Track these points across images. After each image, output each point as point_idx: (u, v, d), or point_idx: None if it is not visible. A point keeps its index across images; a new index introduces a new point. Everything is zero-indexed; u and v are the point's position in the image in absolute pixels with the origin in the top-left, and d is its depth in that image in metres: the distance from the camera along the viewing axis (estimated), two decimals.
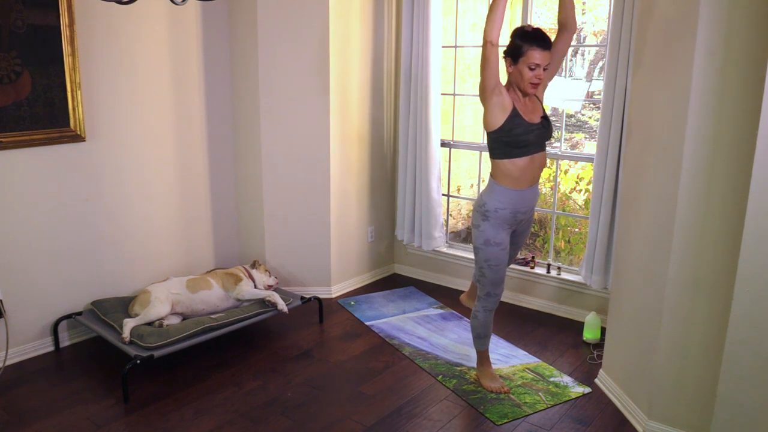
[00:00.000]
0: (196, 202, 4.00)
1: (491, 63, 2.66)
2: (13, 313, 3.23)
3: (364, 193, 4.40)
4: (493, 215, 2.82)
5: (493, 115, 2.72)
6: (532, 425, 2.79)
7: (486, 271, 2.91)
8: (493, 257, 2.87)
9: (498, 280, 2.92)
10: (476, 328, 3.05)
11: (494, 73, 2.69)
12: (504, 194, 2.80)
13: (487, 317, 3.01)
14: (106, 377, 3.13)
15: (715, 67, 2.28)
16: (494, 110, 2.72)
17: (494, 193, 2.82)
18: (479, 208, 2.86)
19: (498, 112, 2.71)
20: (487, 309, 3.00)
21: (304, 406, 2.92)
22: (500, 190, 2.81)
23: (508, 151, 2.75)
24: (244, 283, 3.55)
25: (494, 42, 2.64)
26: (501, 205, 2.81)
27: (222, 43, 3.96)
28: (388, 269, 4.75)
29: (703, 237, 2.41)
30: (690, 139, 2.36)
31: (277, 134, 4.00)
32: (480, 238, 2.87)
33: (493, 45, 2.64)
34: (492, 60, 2.66)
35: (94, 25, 3.31)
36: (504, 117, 2.71)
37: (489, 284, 2.93)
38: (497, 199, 2.81)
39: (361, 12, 4.08)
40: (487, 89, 2.71)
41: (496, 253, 2.86)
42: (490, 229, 2.84)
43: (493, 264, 2.88)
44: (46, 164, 3.25)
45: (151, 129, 3.67)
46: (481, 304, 3.00)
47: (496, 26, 2.63)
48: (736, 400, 2.28)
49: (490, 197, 2.83)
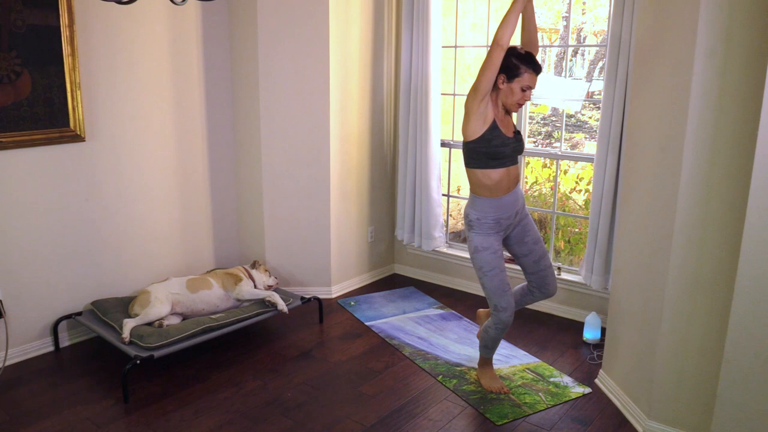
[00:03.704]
0: (196, 202, 4.01)
1: (494, 67, 2.66)
2: (13, 313, 3.23)
3: (364, 193, 4.40)
4: (477, 224, 2.86)
5: (475, 124, 2.76)
6: (532, 425, 2.79)
7: (484, 280, 2.88)
8: (486, 263, 2.85)
9: (498, 289, 2.86)
10: (485, 340, 3.03)
11: (493, 78, 2.69)
12: (484, 204, 2.85)
13: (498, 334, 2.95)
14: (106, 377, 3.13)
15: (715, 67, 2.28)
16: (478, 119, 2.75)
17: (474, 204, 2.87)
18: (465, 219, 2.93)
19: (480, 122, 2.75)
20: (499, 327, 2.92)
21: (304, 406, 2.92)
22: (479, 201, 2.86)
23: (485, 162, 2.80)
24: (244, 283, 3.55)
25: (504, 46, 2.64)
26: (482, 215, 2.85)
27: (222, 43, 3.97)
28: (388, 269, 4.75)
29: (703, 237, 2.41)
30: (690, 139, 2.37)
31: (277, 134, 4.00)
32: (470, 248, 2.91)
33: (502, 49, 2.63)
34: (496, 64, 2.66)
35: (94, 25, 3.31)
36: (484, 128, 2.76)
37: (492, 294, 2.88)
38: (478, 210, 2.85)
39: (361, 12, 4.09)
40: (479, 93, 2.71)
41: (487, 258, 2.85)
42: (477, 237, 2.86)
43: (487, 270, 2.86)
44: (46, 164, 3.25)
45: (151, 129, 3.67)
46: (493, 320, 2.94)
47: (509, 31, 2.62)
48: (736, 400, 2.28)
49: (472, 209, 2.88)
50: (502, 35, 2.61)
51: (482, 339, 3.06)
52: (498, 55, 2.63)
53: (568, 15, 5.19)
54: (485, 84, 2.69)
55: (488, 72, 2.66)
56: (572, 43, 5.18)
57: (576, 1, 5.21)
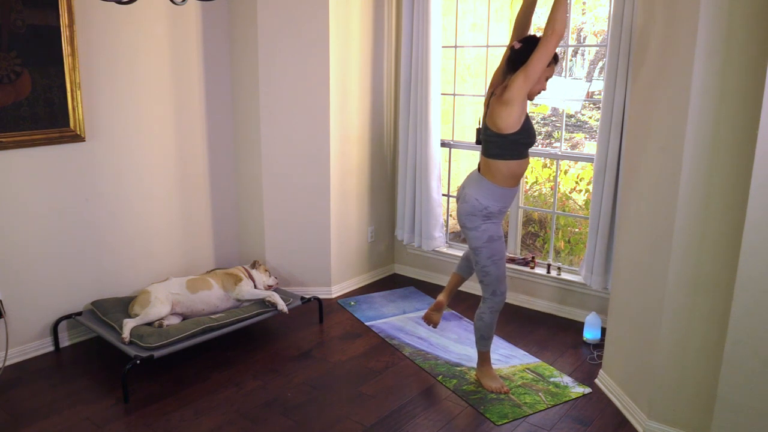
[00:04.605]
0: (196, 202, 4.01)
1: (550, 56, 2.64)
2: (13, 313, 3.23)
3: (364, 193, 4.40)
4: (493, 214, 2.89)
5: (517, 116, 2.73)
6: (532, 425, 2.79)
7: (490, 269, 2.93)
8: (497, 251, 2.92)
9: (502, 276, 2.96)
10: (480, 329, 3.06)
11: (545, 67, 2.68)
12: (503, 194, 2.89)
13: (492, 318, 3.02)
14: (106, 377, 3.13)
15: (715, 67, 2.28)
16: (520, 111, 2.73)
17: (494, 195, 2.87)
18: (480, 211, 2.88)
19: (521, 113, 2.74)
20: (494, 310, 3.01)
21: (304, 406, 2.92)
22: (500, 192, 2.87)
23: (520, 151, 2.83)
24: (244, 283, 3.55)
25: (562, 35, 2.62)
26: (502, 205, 2.90)
27: (222, 43, 3.97)
28: (388, 269, 4.75)
29: (703, 237, 2.41)
30: (690, 139, 2.36)
31: (277, 134, 4.00)
32: (482, 238, 2.90)
33: (560, 38, 2.61)
34: (551, 54, 2.64)
35: (94, 25, 3.31)
36: (523, 118, 2.77)
37: (494, 281, 2.95)
38: (497, 200, 2.88)
39: (361, 12, 4.09)
40: (530, 81, 2.67)
41: (499, 247, 2.93)
42: (492, 227, 2.91)
43: (497, 258, 2.93)
44: (46, 164, 3.25)
45: (151, 129, 3.67)
46: (487, 305, 3.01)
47: (564, 19, 2.61)
48: (736, 400, 2.28)
49: (490, 199, 2.87)
50: (562, 24, 2.58)
51: (477, 330, 3.07)
52: (556, 44, 2.61)
53: (568, 15, 5.19)
54: (538, 72, 2.66)
55: (545, 60, 2.63)
56: (572, 43, 5.19)
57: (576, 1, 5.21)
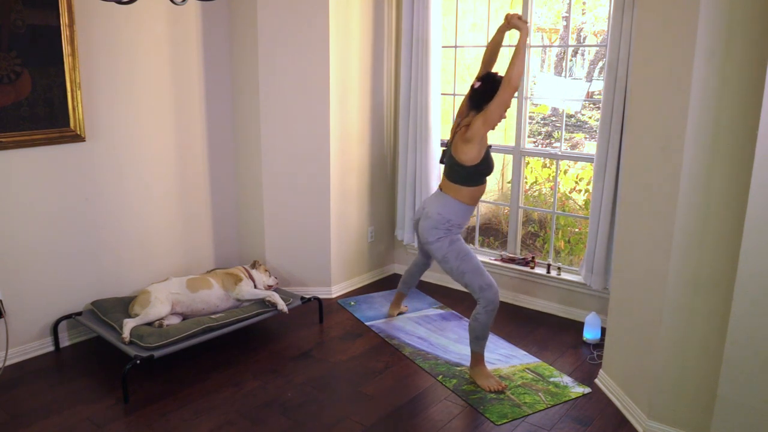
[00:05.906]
0: (196, 202, 4.01)
1: (507, 106, 2.93)
2: (13, 313, 3.23)
3: (364, 193, 4.40)
4: (455, 228, 3.14)
5: (477, 151, 3.00)
6: (531, 425, 2.79)
7: (463, 267, 3.07)
8: (461, 250, 3.11)
9: (477, 269, 3.07)
10: (475, 329, 3.07)
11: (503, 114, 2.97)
12: (465, 210, 3.14)
13: (488, 318, 3.04)
14: (106, 377, 3.13)
15: (715, 67, 2.28)
16: (480, 147, 3.00)
17: (455, 210, 3.11)
18: (443, 224, 3.11)
19: (481, 149, 3.01)
20: (489, 309, 3.03)
21: (304, 406, 2.92)
22: (462, 207, 3.12)
23: (479, 179, 3.11)
24: (244, 283, 3.55)
25: (517, 87, 2.92)
26: (462, 220, 3.15)
27: (222, 43, 3.97)
28: (388, 269, 4.75)
29: (703, 237, 2.41)
30: (690, 138, 2.37)
31: (277, 134, 4.00)
32: (444, 245, 3.11)
33: (515, 90, 2.90)
34: (509, 104, 2.92)
35: (94, 25, 3.31)
36: (483, 151, 3.04)
37: (474, 277, 3.06)
38: (458, 215, 3.12)
39: (361, 12, 4.09)
40: (488, 128, 2.95)
41: (462, 246, 3.13)
42: (453, 236, 3.14)
43: (464, 255, 3.09)
44: (46, 164, 3.25)
45: (151, 129, 3.67)
46: (482, 304, 3.04)
47: (521, 72, 2.89)
48: (736, 400, 2.28)
49: (452, 214, 3.10)
50: (518, 78, 2.88)
51: (472, 330, 3.09)
52: (511, 95, 2.90)
53: (568, 15, 5.20)
54: (497, 119, 2.94)
55: (502, 108, 2.92)
56: (572, 43, 5.19)
57: (576, 1, 5.21)
